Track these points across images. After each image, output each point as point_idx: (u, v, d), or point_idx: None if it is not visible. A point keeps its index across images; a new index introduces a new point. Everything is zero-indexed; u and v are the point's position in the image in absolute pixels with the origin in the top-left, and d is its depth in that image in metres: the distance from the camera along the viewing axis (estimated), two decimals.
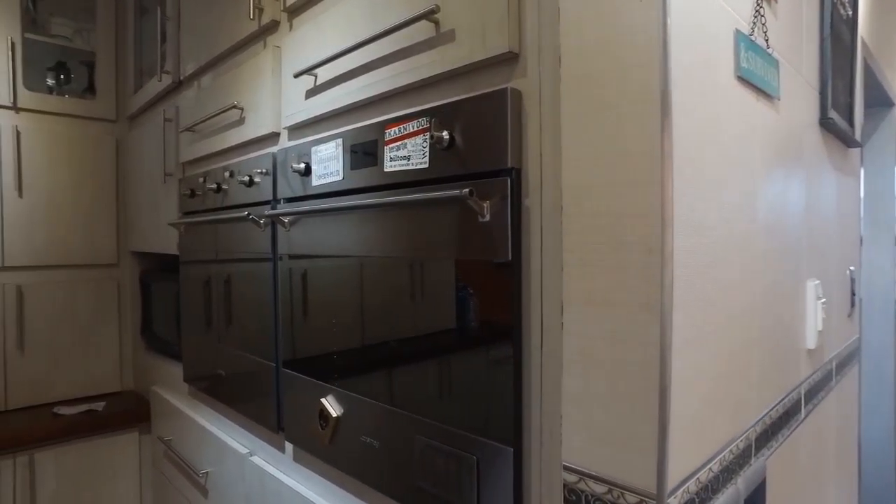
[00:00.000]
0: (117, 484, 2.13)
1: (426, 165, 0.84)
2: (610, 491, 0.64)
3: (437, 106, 0.83)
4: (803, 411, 1.13)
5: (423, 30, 0.84)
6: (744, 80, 0.81)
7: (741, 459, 0.82)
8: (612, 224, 0.62)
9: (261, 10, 1.29)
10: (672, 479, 0.62)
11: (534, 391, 0.73)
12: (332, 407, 1.05)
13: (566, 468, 0.68)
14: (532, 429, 0.73)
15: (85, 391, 2.28)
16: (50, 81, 2.36)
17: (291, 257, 1.19)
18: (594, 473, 0.66)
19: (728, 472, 0.77)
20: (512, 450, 0.73)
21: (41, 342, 2.20)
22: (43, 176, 2.21)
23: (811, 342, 1.17)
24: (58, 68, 2.37)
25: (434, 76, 0.84)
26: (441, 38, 0.82)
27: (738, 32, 0.78)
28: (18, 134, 2.15)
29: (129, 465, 2.16)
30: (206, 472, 1.61)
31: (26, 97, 2.17)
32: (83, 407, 2.15)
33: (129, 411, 2.17)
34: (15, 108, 2.15)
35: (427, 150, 0.84)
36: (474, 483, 0.77)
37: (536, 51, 0.72)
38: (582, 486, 0.67)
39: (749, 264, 0.84)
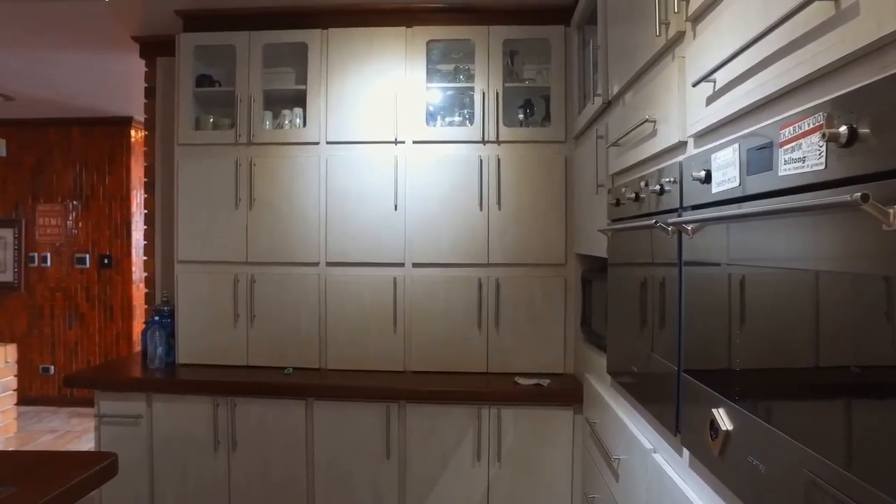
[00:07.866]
0: (555, 450, 2.52)
1: (822, 167, 0.74)
2: None
3: (836, 97, 0.72)
4: None
5: (819, 12, 0.75)
6: None
7: None
8: None
9: (667, 25, 1.33)
10: None
11: None
12: (723, 420, 1.02)
13: None
14: None
15: (536, 368, 2.77)
16: (520, 116, 2.95)
17: (692, 264, 1.20)
18: None
19: None
20: None
21: (508, 324, 2.79)
22: (512, 191, 2.79)
23: None
24: (525, 105, 2.95)
25: (834, 62, 0.73)
26: (841, 17, 0.71)
27: None
28: (499, 161, 2.78)
29: (563, 437, 2.51)
30: (618, 459, 1.75)
31: (504, 132, 2.79)
32: (534, 381, 2.62)
33: (567, 391, 2.53)
34: (497, 141, 2.79)
35: (823, 149, 0.74)
36: None
37: None
38: None
39: None
